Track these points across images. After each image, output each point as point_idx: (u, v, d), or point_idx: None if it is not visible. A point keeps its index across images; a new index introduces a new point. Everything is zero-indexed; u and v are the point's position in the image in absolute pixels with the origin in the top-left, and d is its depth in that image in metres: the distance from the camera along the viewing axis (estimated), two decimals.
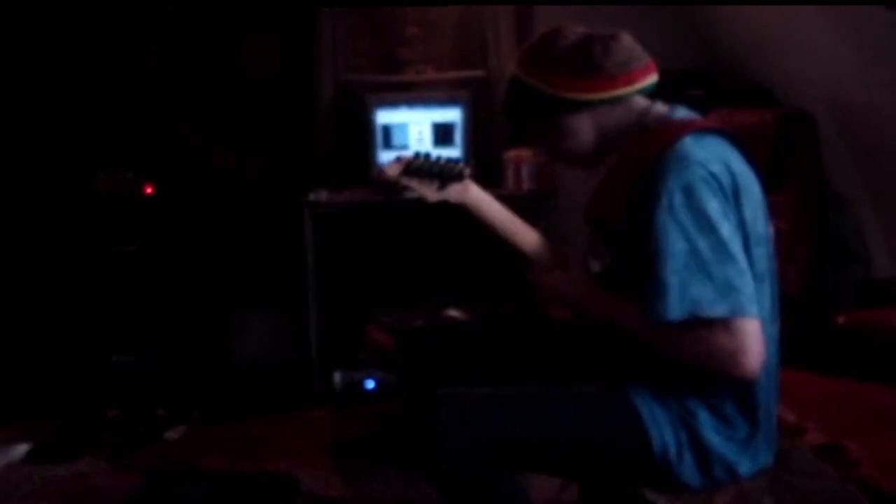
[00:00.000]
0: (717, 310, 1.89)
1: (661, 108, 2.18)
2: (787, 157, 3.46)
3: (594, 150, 2.22)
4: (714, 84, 4.45)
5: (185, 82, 4.82)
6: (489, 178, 4.66)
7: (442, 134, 4.69)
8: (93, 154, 4.59)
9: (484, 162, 4.64)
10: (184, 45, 4.79)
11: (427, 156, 2.21)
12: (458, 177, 2.25)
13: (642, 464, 2.05)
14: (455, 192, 2.31)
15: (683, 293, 1.90)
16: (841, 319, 3.13)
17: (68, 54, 4.61)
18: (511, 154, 4.63)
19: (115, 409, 4.28)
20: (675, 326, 1.92)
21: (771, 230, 2.13)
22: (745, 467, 2.06)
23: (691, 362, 1.95)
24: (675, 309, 1.91)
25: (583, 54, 2.11)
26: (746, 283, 1.92)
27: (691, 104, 2.23)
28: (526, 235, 2.37)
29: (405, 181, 2.25)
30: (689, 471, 2.04)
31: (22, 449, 3.86)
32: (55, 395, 4.35)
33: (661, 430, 2.03)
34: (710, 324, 1.90)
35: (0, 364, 4.42)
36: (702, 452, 2.04)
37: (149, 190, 4.48)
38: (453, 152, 4.66)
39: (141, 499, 3.45)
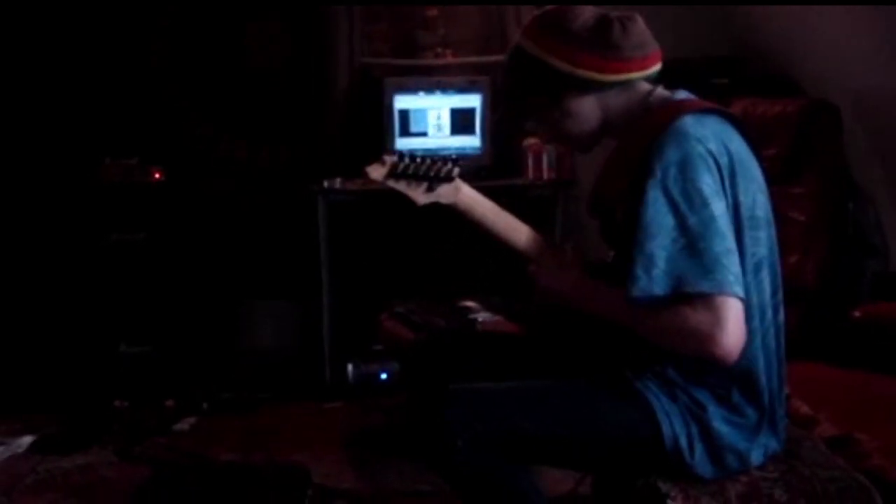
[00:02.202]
0: (702, 285, 1.87)
1: (663, 91, 2.15)
2: (809, 147, 3.42)
3: (595, 133, 2.18)
4: (740, 73, 4.40)
5: (193, 69, 4.77)
6: (509, 167, 4.63)
7: (461, 120, 4.63)
8: (98, 141, 4.54)
9: (504, 150, 4.57)
10: (191, 30, 4.74)
11: (413, 156, 2.12)
12: (448, 177, 2.16)
13: (655, 455, 2.04)
14: (445, 193, 2.21)
15: (670, 268, 1.89)
16: (857, 313, 3.13)
17: (74, 41, 4.57)
18: (531, 142, 4.58)
19: (123, 400, 4.27)
20: (658, 302, 1.91)
21: (771, 215, 2.11)
22: (755, 454, 2.07)
23: (670, 341, 1.94)
24: (660, 283, 1.90)
25: (602, 33, 2.07)
26: (734, 263, 1.90)
27: (716, 92, 2.17)
28: (518, 232, 2.29)
29: (391, 184, 2.17)
30: (701, 462, 2.03)
31: (25, 441, 3.86)
32: (62, 387, 4.34)
33: (672, 423, 2.02)
34: (691, 299, 1.88)
35: (6, 355, 4.41)
36: (713, 444, 2.03)
37: (156, 176, 4.44)
38: (472, 140, 4.60)
39: (149, 491, 3.40)
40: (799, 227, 3.34)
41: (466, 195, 2.23)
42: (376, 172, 2.14)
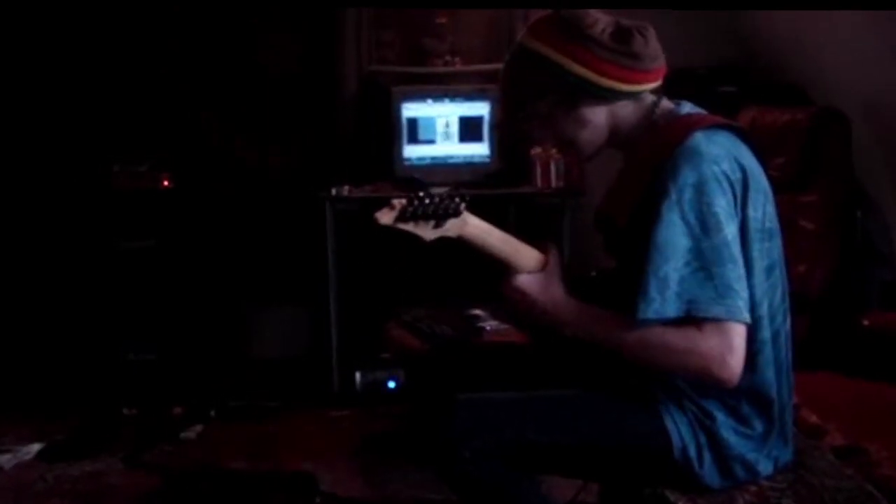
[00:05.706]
0: (715, 311, 1.89)
1: (667, 103, 2.14)
2: (818, 156, 3.43)
3: (602, 143, 2.15)
4: (747, 81, 4.41)
5: (203, 75, 4.79)
6: (517, 175, 4.62)
7: (469, 129, 4.61)
8: (109, 148, 4.56)
9: (512, 158, 4.57)
10: (202, 37, 4.76)
11: (422, 197, 2.11)
12: (455, 213, 2.15)
13: (663, 464, 2.04)
14: (453, 227, 2.14)
15: (682, 290, 1.90)
16: (865, 321, 3.15)
17: (84, 47, 4.60)
18: (539, 151, 4.57)
19: (132, 407, 4.28)
20: (665, 324, 1.91)
21: (777, 222, 2.10)
22: (763, 465, 2.07)
23: (674, 363, 1.94)
24: (672, 305, 1.90)
25: (624, 43, 2.02)
26: (744, 288, 1.92)
27: (724, 101, 2.16)
28: (526, 256, 2.21)
29: (400, 226, 2.11)
30: (709, 472, 2.03)
31: (34, 448, 3.86)
32: (70, 394, 4.35)
33: (681, 432, 2.02)
34: (701, 324, 1.89)
35: (15, 362, 4.42)
36: (721, 453, 2.03)
37: (166, 183, 4.45)
38: (481, 147, 4.59)
39: (157, 499, 3.44)
40: (808, 236, 3.34)
41: (473, 228, 2.17)
42: (386, 217, 2.06)
